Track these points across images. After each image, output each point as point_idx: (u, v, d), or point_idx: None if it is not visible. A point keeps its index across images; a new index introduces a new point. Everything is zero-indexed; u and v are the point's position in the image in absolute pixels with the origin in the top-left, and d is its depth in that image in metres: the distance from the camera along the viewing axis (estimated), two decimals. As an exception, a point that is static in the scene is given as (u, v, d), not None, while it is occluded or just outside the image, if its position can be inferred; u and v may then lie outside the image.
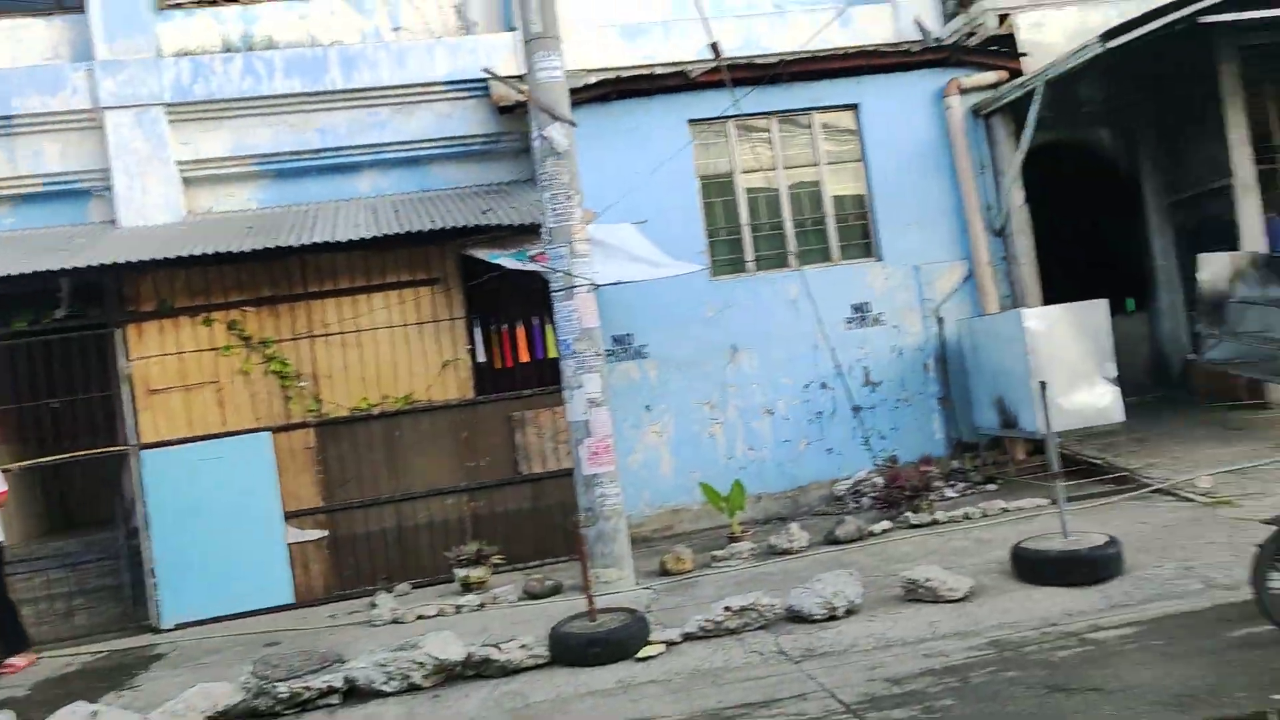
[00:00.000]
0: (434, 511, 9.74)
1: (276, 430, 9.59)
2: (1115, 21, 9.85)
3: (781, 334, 10.94)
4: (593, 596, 7.08)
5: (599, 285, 8.70)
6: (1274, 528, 5.71)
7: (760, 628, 6.90)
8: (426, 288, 10.02)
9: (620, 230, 10.02)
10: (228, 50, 11.10)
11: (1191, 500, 8.72)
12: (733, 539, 9.34)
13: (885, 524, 9.34)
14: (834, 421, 10.96)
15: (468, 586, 8.92)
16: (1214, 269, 10.59)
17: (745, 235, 11.16)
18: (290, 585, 9.48)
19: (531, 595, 8.54)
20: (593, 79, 10.95)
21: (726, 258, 11.12)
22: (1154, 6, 9.54)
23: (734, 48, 11.43)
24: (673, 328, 10.80)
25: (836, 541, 9.05)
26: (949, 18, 12.14)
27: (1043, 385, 7.72)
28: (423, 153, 11.30)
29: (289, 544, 9.50)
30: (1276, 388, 10.82)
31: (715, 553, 9.09)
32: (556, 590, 8.58)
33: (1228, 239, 11.06)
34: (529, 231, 9.50)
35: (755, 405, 10.92)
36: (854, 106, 11.32)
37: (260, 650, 8.06)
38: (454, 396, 9.95)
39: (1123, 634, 6.07)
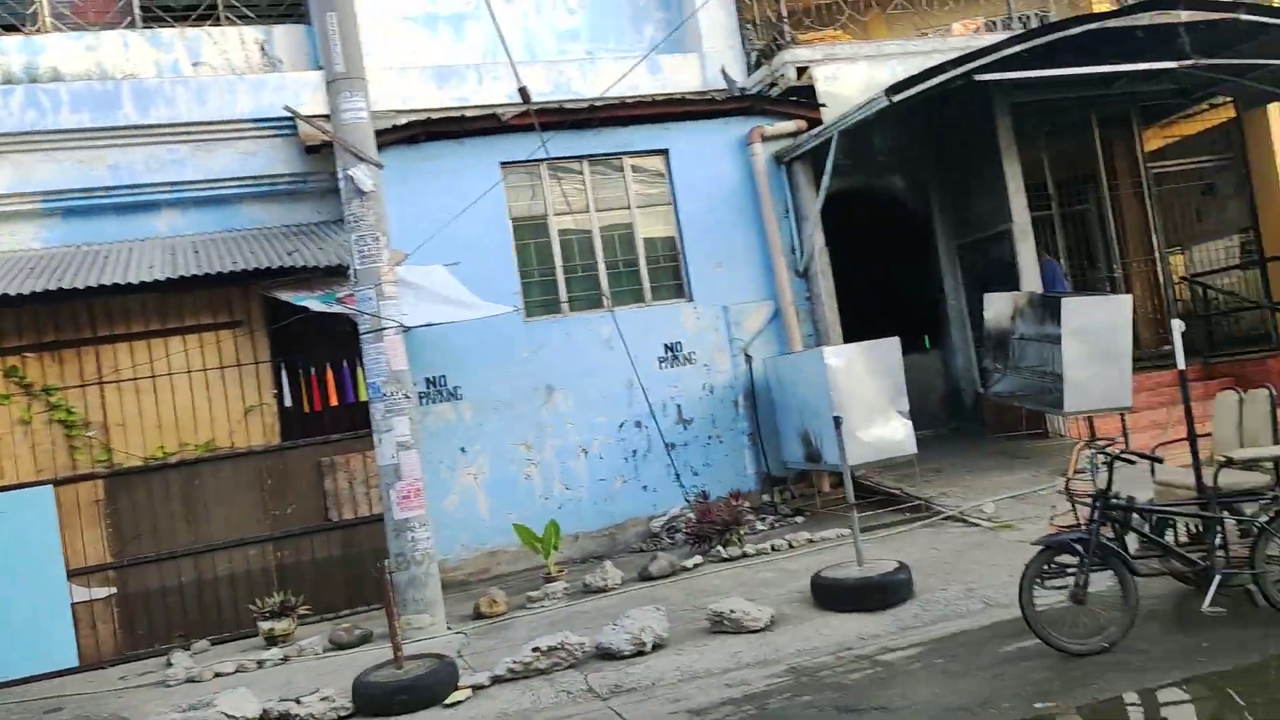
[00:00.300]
0: (236, 563, 9.36)
1: (60, 483, 9.03)
2: (901, 76, 10.52)
3: (596, 374, 11.08)
4: (400, 644, 6.94)
5: (408, 327, 8.62)
6: (1038, 549, 6.15)
7: (570, 666, 6.91)
8: (228, 331, 9.68)
9: (431, 272, 9.96)
10: (8, 82, 10.50)
11: (978, 525, 9.27)
12: (549, 579, 9.33)
13: (697, 558, 9.53)
14: (648, 459, 11.14)
15: (272, 640, 8.59)
16: (997, 308, 11.40)
17: (559, 276, 11.28)
18: (74, 647, 8.89)
19: (339, 645, 8.29)
20: (403, 120, 10.90)
21: (540, 299, 11.20)
22: (934, 65, 10.24)
23: (546, 92, 11.61)
24: (488, 369, 10.78)
25: (650, 578, 9.17)
26: (753, 69, 12.67)
27: (837, 420, 8.06)
28: (226, 191, 10.95)
29: (74, 603, 8.92)
30: (1054, 417, 11.63)
31: (530, 594, 9.07)
32: (366, 639, 8.37)
33: (1009, 280, 11.90)
34: (337, 273, 9.33)
35: (571, 445, 10.99)
36: (664, 152, 11.66)
37: (41, 718, 7.54)
38: (259, 442, 9.62)
39: (910, 654, 6.38)
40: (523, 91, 9.90)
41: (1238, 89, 12.63)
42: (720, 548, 9.63)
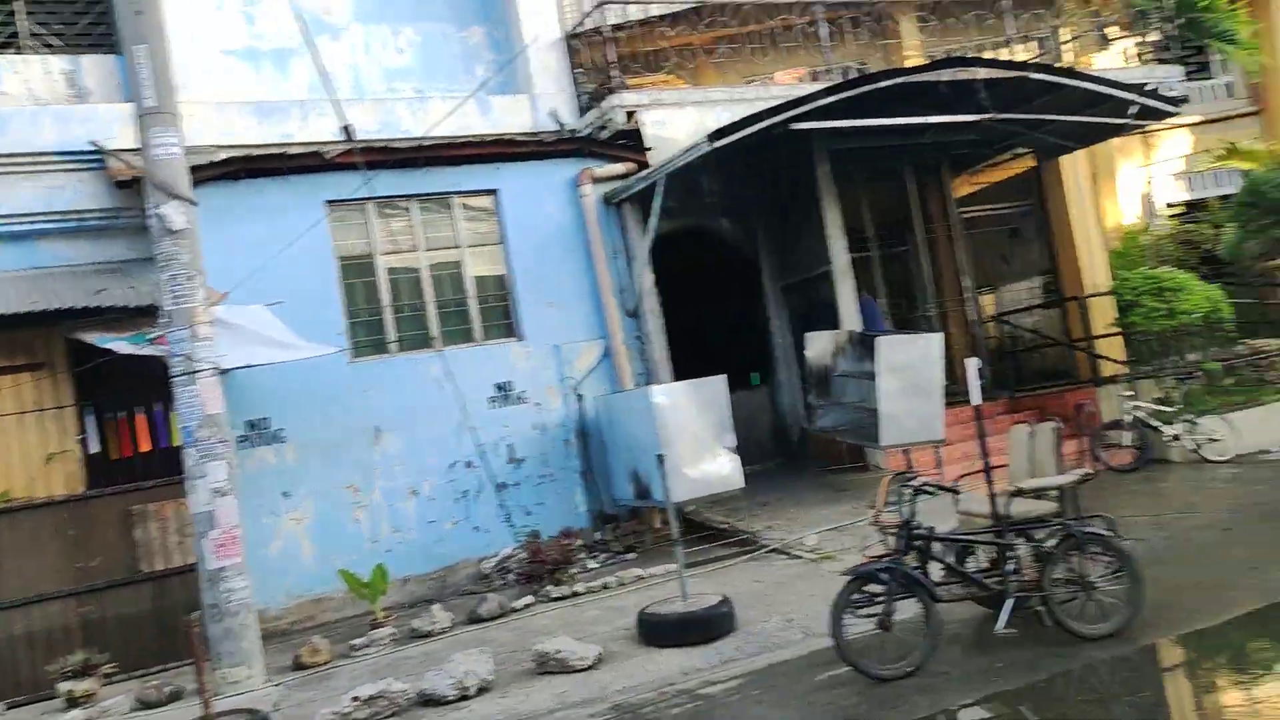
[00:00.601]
0: (35, 620, 8.78)
1: None
2: (727, 121, 10.86)
3: (426, 414, 10.95)
4: (211, 699, 6.66)
5: (225, 369, 8.33)
6: (848, 579, 6.40)
7: (392, 715, 6.77)
8: (28, 374, 9.17)
9: (251, 312, 9.67)
10: None
11: (801, 557, 9.56)
12: (375, 625, 9.12)
13: (528, 599, 9.49)
14: (480, 500, 11.05)
15: (73, 702, 8.08)
16: (819, 346, 11.80)
17: (387, 316, 11.13)
18: None
19: (148, 705, 7.89)
20: (222, 156, 10.59)
21: (368, 339, 11.02)
22: (757, 111, 10.63)
23: (373, 130, 11.49)
24: (313, 411, 10.52)
25: (479, 620, 9.08)
26: (583, 111, 12.86)
27: (660, 458, 8.20)
28: (29, 227, 10.36)
29: None
30: (873, 450, 12.11)
31: (354, 641, 8.84)
32: (177, 696, 7.98)
33: (831, 319, 12.37)
34: (149, 313, 8.95)
35: (400, 487, 10.81)
36: (493, 192, 11.68)
37: None
38: (61, 492, 9.12)
39: (730, 687, 6.52)
40: (347, 129, 9.83)
41: (1035, 141, 13.56)
42: (551, 587, 9.62)
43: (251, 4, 12.13)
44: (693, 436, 10.10)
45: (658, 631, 7.49)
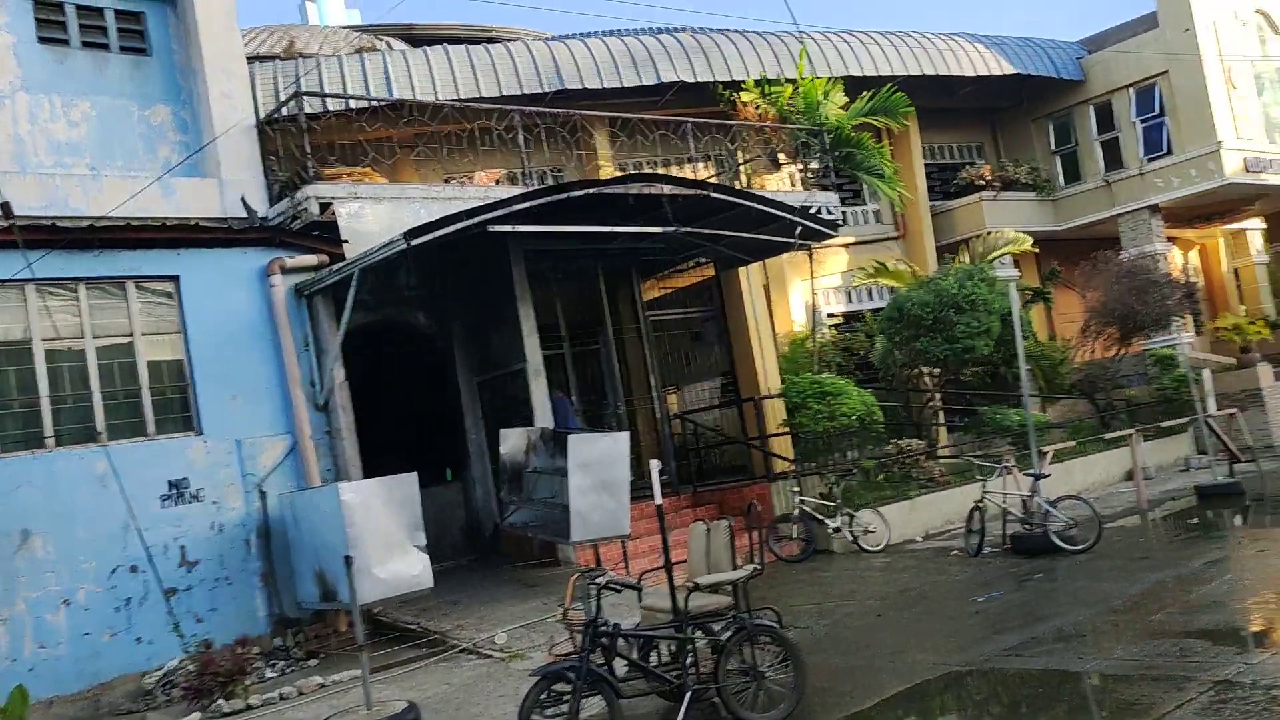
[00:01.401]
0: None
1: None
2: (425, 218, 10.95)
3: (86, 515, 10.03)
4: None
5: None
6: (535, 679, 6.48)
7: None
8: None
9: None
10: None
11: (491, 656, 9.53)
12: (12, 756, 8.15)
13: (195, 715, 8.83)
14: (145, 607, 10.20)
15: None
16: (512, 443, 11.95)
17: (44, 407, 10.17)
18: None
19: None
20: None
21: (18, 432, 10.02)
22: (454, 212, 10.80)
23: (38, 207, 10.65)
24: (-53, 513, 9.38)
25: (138, 742, 8.33)
26: (276, 199, 12.52)
27: (348, 560, 8.00)
28: None
29: None
30: (564, 546, 12.34)
31: (-14, 776, 7.85)
32: None
33: (525, 415, 12.59)
34: None
35: (51, 596, 9.78)
36: (174, 278, 11.05)
37: None
38: None
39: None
40: (4, 206, 9.07)
41: (713, 253, 14.62)
42: (223, 701, 9.00)
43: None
44: (383, 535, 9.87)
45: (338, 744, 7.20)
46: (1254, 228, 26.42)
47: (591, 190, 11.49)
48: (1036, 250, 21.55)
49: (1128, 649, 7.49)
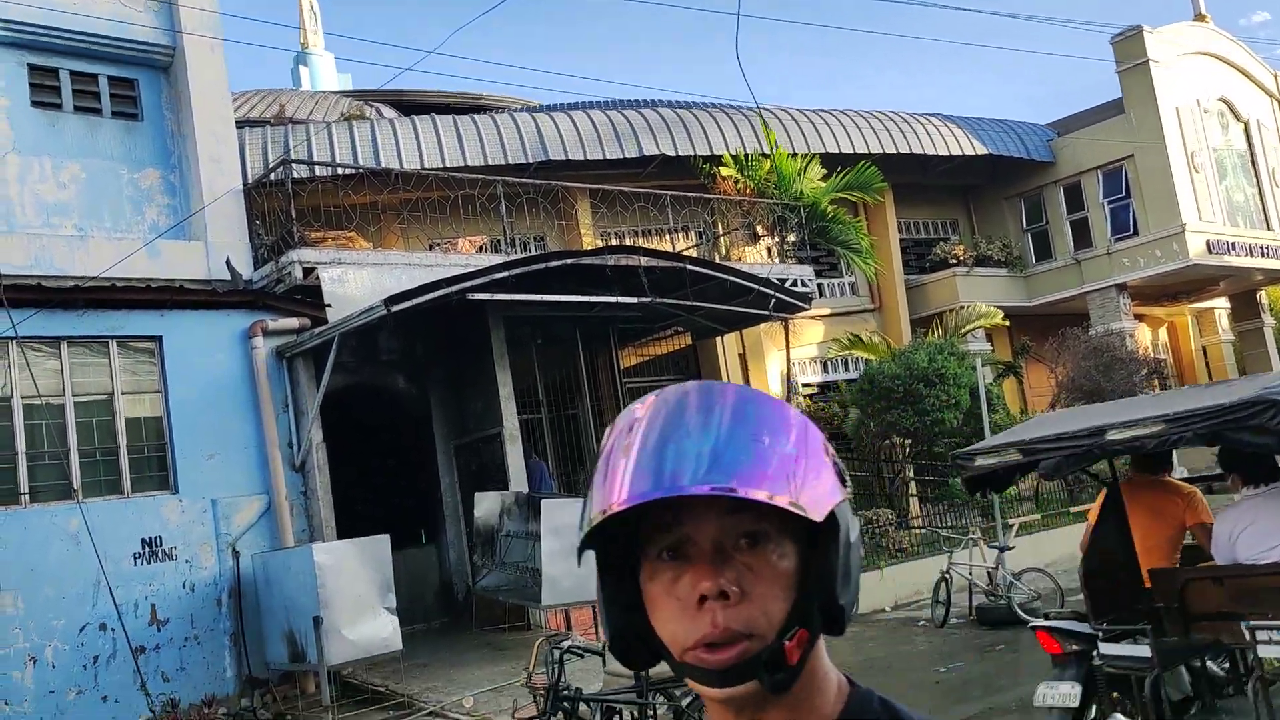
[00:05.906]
0: None
1: None
2: (407, 284, 11.20)
3: (57, 572, 10.08)
4: None
5: None
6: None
7: None
8: None
9: None
10: None
11: (457, 719, 9.57)
12: (-27, 814, 8.12)
13: (160, 776, 8.83)
14: (113, 666, 10.21)
15: None
16: (486, 506, 12.10)
17: (21, 464, 10.28)
18: None
19: None
20: None
21: (-7, 488, 10.12)
22: (435, 279, 11.07)
23: (23, 266, 10.86)
24: (-81, 567, 9.42)
25: (101, 802, 8.32)
26: (261, 262, 12.77)
27: (317, 621, 8.09)
28: None
29: None
30: (536, 610, 12.41)
31: (-54, 834, 7.82)
32: None
33: (500, 479, 12.72)
34: None
35: (18, 653, 9.79)
36: (157, 339, 11.24)
37: None
38: None
39: None
40: (-7, 265, 9.25)
41: (689, 323, 14.92)
42: (188, 761, 9.00)
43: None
44: (354, 597, 9.98)
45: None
46: (1220, 307, 27.04)
47: (570, 261, 11.80)
48: (1008, 324, 21.98)
49: (1082, 721, 7.62)
